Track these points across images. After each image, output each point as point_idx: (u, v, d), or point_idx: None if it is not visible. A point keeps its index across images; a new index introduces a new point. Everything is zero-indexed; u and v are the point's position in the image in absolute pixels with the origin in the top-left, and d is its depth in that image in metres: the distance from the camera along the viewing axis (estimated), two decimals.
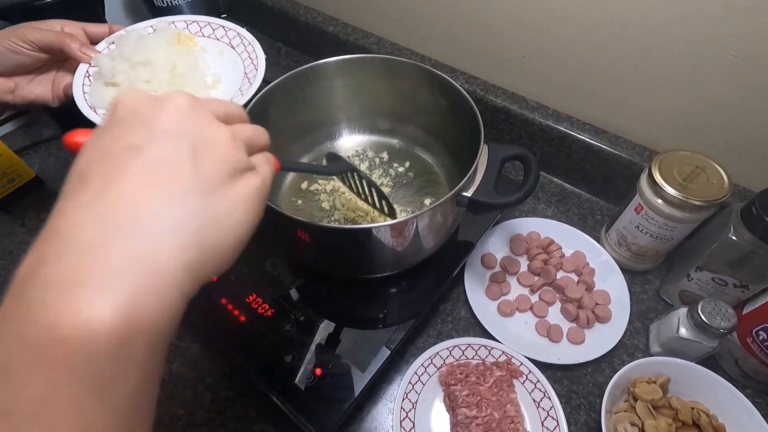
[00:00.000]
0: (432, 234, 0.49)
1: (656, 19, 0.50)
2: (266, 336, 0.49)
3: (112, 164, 0.19)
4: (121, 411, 0.17)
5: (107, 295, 0.16)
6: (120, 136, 0.20)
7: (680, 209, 0.48)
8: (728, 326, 0.45)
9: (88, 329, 0.16)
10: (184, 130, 0.21)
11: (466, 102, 0.51)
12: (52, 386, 0.15)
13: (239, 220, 0.21)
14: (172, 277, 0.18)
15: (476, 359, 0.51)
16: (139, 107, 0.21)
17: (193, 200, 0.20)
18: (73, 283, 0.16)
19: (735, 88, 0.49)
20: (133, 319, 0.17)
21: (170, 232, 0.19)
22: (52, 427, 0.15)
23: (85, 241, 0.17)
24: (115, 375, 0.16)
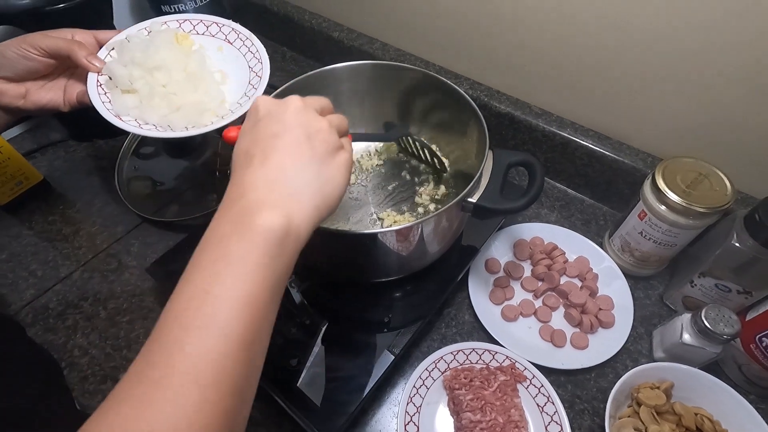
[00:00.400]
0: (437, 239, 0.49)
1: (660, 28, 0.50)
2: (272, 339, 0.49)
3: (265, 146, 0.31)
4: (278, 275, 0.28)
5: (277, 211, 0.29)
6: (265, 128, 0.32)
7: (684, 216, 0.49)
8: (732, 332, 0.45)
9: (268, 225, 0.28)
10: (301, 122, 0.32)
11: (471, 108, 0.52)
12: (249, 247, 0.27)
13: (340, 180, 0.33)
14: (307, 210, 0.30)
15: (480, 364, 0.51)
16: (271, 108, 0.33)
17: (314, 167, 0.31)
18: (260, 206, 0.29)
19: (736, 96, 0.50)
20: (289, 226, 0.29)
21: (304, 185, 0.31)
22: (247, 268, 0.27)
23: (261, 188, 0.30)
24: (279, 253, 0.28)
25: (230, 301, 0.26)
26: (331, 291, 0.55)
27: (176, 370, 0.23)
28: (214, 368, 0.24)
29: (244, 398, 0.26)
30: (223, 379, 0.24)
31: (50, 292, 0.60)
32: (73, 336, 0.56)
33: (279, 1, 0.87)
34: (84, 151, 0.76)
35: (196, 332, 0.25)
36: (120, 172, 0.71)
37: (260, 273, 0.27)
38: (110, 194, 0.69)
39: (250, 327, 0.26)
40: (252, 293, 0.26)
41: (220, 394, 0.24)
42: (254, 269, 0.27)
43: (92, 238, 0.65)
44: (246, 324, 0.26)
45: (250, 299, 0.26)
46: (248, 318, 0.26)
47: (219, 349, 0.24)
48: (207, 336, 0.25)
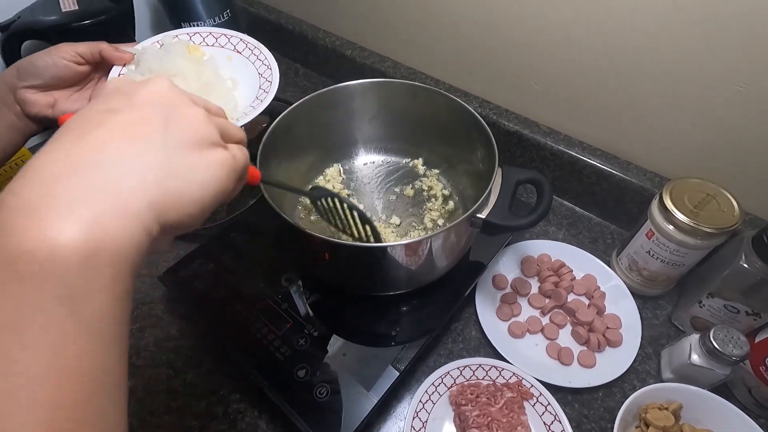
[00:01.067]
0: (445, 254, 0.50)
1: (667, 50, 0.51)
2: (280, 350, 0.50)
3: (90, 121, 0.21)
4: (92, 324, 0.18)
5: (71, 216, 0.18)
6: (101, 103, 0.23)
7: (691, 236, 0.49)
8: (741, 354, 0.45)
9: (53, 245, 0.17)
10: (161, 102, 0.23)
11: (480, 126, 0.53)
12: (24, 298, 0.17)
13: (203, 179, 0.23)
14: (134, 210, 0.20)
15: (487, 380, 0.51)
16: (121, 85, 0.24)
17: (159, 153, 0.21)
18: (38, 207, 0.18)
19: (743, 118, 0.51)
20: (96, 240, 0.18)
21: (132, 173, 0.20)
22: (25, 335, 0.16)
23: (52, 174, 0.19)
24: (83, 290, 0.18)
25: (23, 402, 0.16)
26: (340, 303, 0.55)
27: None
28: None
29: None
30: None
31: None
32: None
33: (294, 19, 0.90)
34: None
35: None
36: None
37: (62, 338, 0.17)
38: None
39: (72, 411, 0.17)
40: (60, 375, 0.17)
41: None
42: (50, 338, 0.17)
43: None
44: (64, 414, 0.17)
45: (62, 384, 0.17)
46: (65, 405, 0.17)
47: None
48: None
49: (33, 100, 0.45)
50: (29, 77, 0.45)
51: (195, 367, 0.54)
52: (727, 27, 0.46)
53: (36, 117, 0.46)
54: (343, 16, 0.82)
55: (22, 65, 0.45)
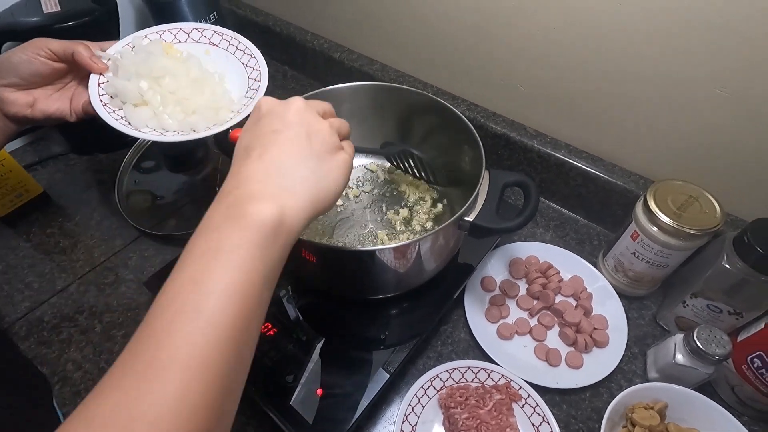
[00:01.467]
0: (434, 257, 0.50)
1: (651, 55, 0.52)
2: (268, 355, 0.49)
3: (265, 141, 0.32)
4: (270, 267, 0.28)
5: (270, 202, 0.29)
6: (267, 125, 0.33)
7: (675, 237, 0.50)
8: (723, 353, 0.45)
9: (260, 215, 0.28)
10: (302, 121, 0.33)
11: (468, 129, 0.53)
12: (241, 237, 0.27)
13: (337, 177, 0.33)
14: (301, 204, 0.30)
15: (476, 382, 0.51)
16: (273, 107, 0.34)
17: (311, 163, 0.32)
18: (253, 197, 0.29)
19: (725, 121, 0.52)
20: (282, 218, 0.29)
21: (301, 179, 0.31)
22: (237, 259, 0.27)
23: (257, 179, 0.30)
24: (271, 245, 0.28)
25: (218, 292, 0.25)
26: (328, 307, 0.55)
27: (161, 361, 0.23)
28: (200, 359, 0.24)
29: (231, 392, 0.26)
30: (209, 370, 0.24)
31: (46, 305, 0.59)
32: (67, 350, 0.55)
33: (282, 22, 0.89)
34: (85, 164, 0.76)
35: (181, 323, 0.24)
36: (120, 185, 0.71)
37: (250, 264, 0.27)
38: (109, 208, 0.70)
39: (238, 318, 0.26)
40: (241, 284, 0.26)
41: (205, 385, 0.24)
42: (244, 260, 0.27)
43: (90, 251, 0.65)
44: (234, 315, 0.25)
45: (239, 290, 0.26)
46: (236, 309, 0.26)
47: (205, 340, 0.24)
48: (193, 327, 0.24)
49: (12, 99, 0.44)
50: (7, 75, 0.44)
51: None
52: (709, 33, 0.47)
53: (15, 117, 0.45)
54: (332, 19, 0.82)
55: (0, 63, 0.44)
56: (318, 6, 0.82)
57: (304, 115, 0.33)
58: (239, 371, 0.27)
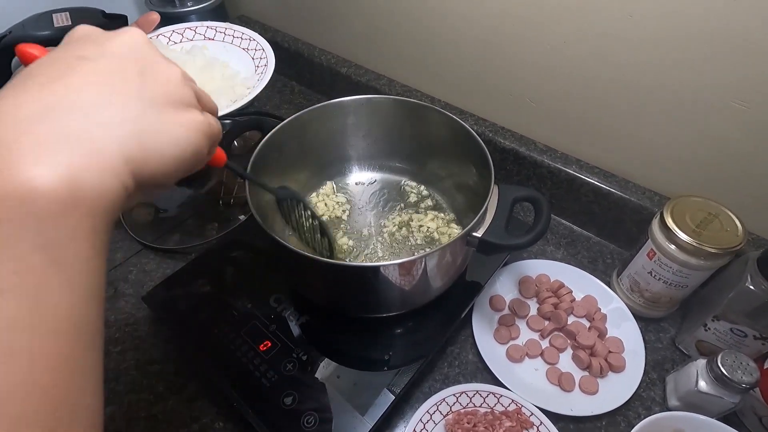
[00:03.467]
0: (441, 274, 0.48)
1: (666, 67, 0.51)
2: (266, 375, 0.47)
3: (61, 66, 0.20)
4: (72, 275, 0.17)
5: (48, 160, 0.17)
6: (72, 49, 0.21)
7: (694, 256, 0.48)
8: (750, 381, 0.42)
9: (30, 188, 0.16)
10: (136, 56, 0.22)
11: (476, 143, 0.52)
12: (4, 242, 0.16)
13: (179, 138, 0.22)
14: (110, 163, 0.19)
15: (484, 407, 0.49)
16: (93, 32, 0.23)
17: (135, 106, 0.21)
18: (11, 149, 0.16)
19: (744, 136, 0.50)
20: (73, 189, 0.17)
21: (109, 124, 0.19)
22: (4, 282, 0.15)
23: (24, 116, 0.18)
24: (62, 239, 0.17)
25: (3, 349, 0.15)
26: (330, 325, 0.53)
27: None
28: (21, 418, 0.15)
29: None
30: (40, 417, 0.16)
31: None
32: None
33: (290, 38, 0.90)
34: None
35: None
36: None
37: (39, 281, 0.16)
38: None
39: (39, 378, 0.16)
40: (36, 318, 0.16)
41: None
42: (27, 279, 0.16)
43: None
44: (40, 371, 0.16)
45: (38, 329, 0.16)
46: (25, 365, 0.16)
47: (17, 406, 0.15)
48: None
49: None
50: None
51: (177, 393, 0.51)
52: (725, 44, 0.46)
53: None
54: (339, 35, 0.83)
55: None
56: (325, 21, 0.83)
57: (141, 48, 0.23)
58: (77, 408, 0.18)
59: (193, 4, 0.81)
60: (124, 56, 0.22)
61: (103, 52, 0.21)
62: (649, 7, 0.48)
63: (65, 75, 0.20)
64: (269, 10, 0.92)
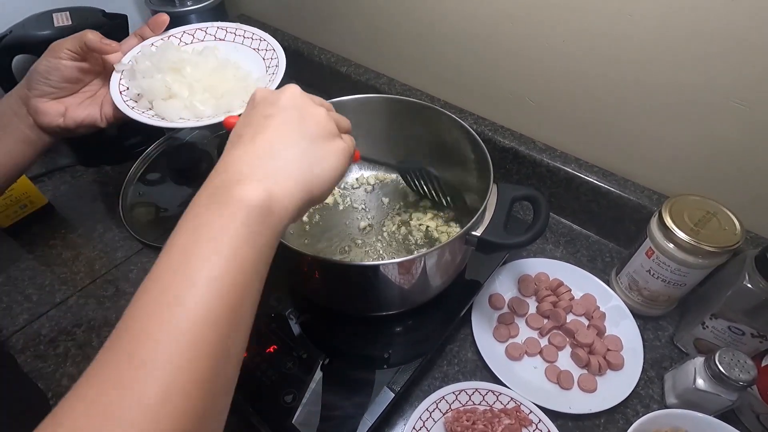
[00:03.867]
0: (440, 273, 0.48)
1: (664, 66, 0.51)
2: (266, 373, 0.48)
3: (257, 125, 0.31)
4: (259, 254, 0.27)
5: (259, 185, 0.27)
6: (259, 111, 0.32)
7: (692, 255, 0.48)
8: (748, 379, 0.43)
9: (248, 198, 0.27)
10: (296, 105, 0.32)
11: (475, 142, 0.52)
12: (227, 222, 0.26)
13: (333, 163, 0.32)
14: (292, 187, 0.29)
15: (483, 405, 0.49)
16: (267, 95, 0.33)
17: (303, 145, 0.31)
18: (241, 180, 0.28)
19: (742, 135, 0.50)
20: (270, 201, 0.27)
21: (290, 162, 0.30)
22: (222, 245, 0.25)
23: (245, 163, 0.29)
24: (259, 230, 0.27)
25: (202, 280, 0.24)
26: (331, 324, 0.53)
27: (140, 359, 0.22)
28: (183, 356, 0.22)
29: (217, 394, 0.24)
30: (193, 369, 0.22)
31: (44, 318, 0.58)
32: (63, 364, 0.54)
33: (289, 37, 0.90)
34: (91, 176, 0.76)
35: (161, 316, 0.23)
36: (124, 197, 0.71)
37: (237, 250, 0.25)
38: (113, 220, 0.69)
39: (225, 310, 0.24)
40: (228, 272, 0.25)
41: (188, 386, 0.22)
42: (230, 246, 0.25)
43: (91, 264, 0.64)
44: (221, 306, 0.24)
45: (226, 279, 0.24)
46: (223, 300, 0.24)
47: (188, 336, 0.22)
48: (176, 320, 0.23)
49: (44, 109, 0.45)
50: (38, 84, 0.45)
51: None
52: (725, 44, 0.46)
53: (48, 127, 0.46)
54: (339, 34, 0.83)
55: (30, 75, 0.45)
56: (325, 20, 0.83)
57: (299, 99, 0.32)
58: (228, 370, 0.25)
59: (192, 3, 0.81)
60: (289, 108, 0.32)
61: (278, 108, 0.31)
62: (648, 6, 0.48)
63: (261, 131, 0.30)
64: (269, 9, 0.92)
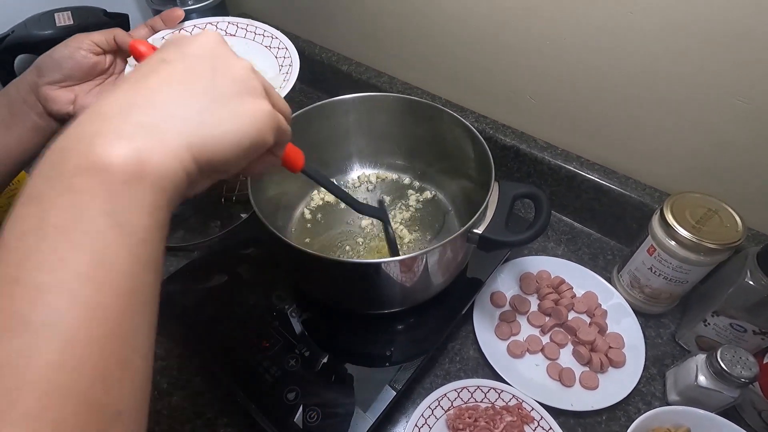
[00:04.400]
0: (441, 270, 0.48)
1: (665, 63, 0.51)
2: (269, 371, 0.48)
3: (147, 68, 0.24)
4: (131, 240, 0.20)
5: (121, 144, 0.20)
6: (159, 55, 0.25)
7: (694, 252, 0.48)
8: (750, 375, 0.43)
9: (104, 163, 0.20)
10: (209, 54, 0.25)
11: (477, 140, 0.52)
12: (76, 207, 0.19)
13: (240, 126, 0.25)
14: (173, 148, 0.22)
15: (485, 402, 0.49)
16: (178, 39, 0.26)
17: (204, 99, 0.24)
18: (94, 136, 0.20)
19: (744, 132, 0.50)
20: (139, 166, 0.20)
21: (175, 117, 0.23)
22: (73, 237, 0.18)
23: (110, 112, 0.22)
24: (126, 208, 0.20)
25: (54, 289, 0.18)
26: (332, 322, 0.54)
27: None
28: (41, 401, 0.16)
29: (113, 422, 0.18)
30: (59, 412, 0.17)
31: None
32: None
33: (290, 35, 0.89)
34: None
35: (7, 350, 0.17)
36: None
37: (100, 235, 0.19)
38: None
39: (92, 323, 0.18)
40: (90, 269, 0.18)
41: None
42: (89, 230, 0.19)
43: None
44: (82, 320, 0.18)
45: (87, 280, 0.18)
46: (87, 312, 0.18)
47: (41, 372, 0.17)
48: (25, 354, 0.17)
49: (54, 96, 0.45)
50: (49, 72, 0.44)
51: (181, 389, 0.52)
52: (727, 41, 0.46)
53: (58, 114, 0.45)
54: (339, 31, 0.83)
55: (41, 61, 0.45)
56: (326, 19, 0.83)
57: (216, 48, 0.26)
58: (118, 396, 0.19)
59: (193, 2, 0.81)
60: (198, 56, 0.25)
61: (182, 54, 0.25)
62: (650, 3, 0.48)
63: (148, 76, 0.24)
64: (269, 8, 0.92)
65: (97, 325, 0.18)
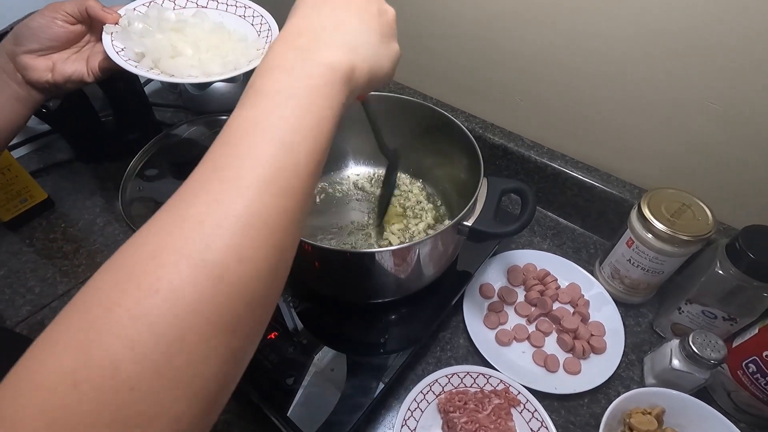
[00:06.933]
0: (433, 261, 0.51)
1: (644, 70, 0.54)
2: (268, 358, 0.50)
3: (336, 2, 0.30)
4: (336, 117, 0.26)
5: (342, 51, 0.27)
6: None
7: (669, 243, 0.51)
8: (718, 357, 0.46)
9: (335, 62, 0.27)
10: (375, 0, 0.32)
11: (467, 138, 0.55)
12: (312, 81, 0.25)
13: (392, 64, 0.32)
14: (366, 67, 0.29)
15: (475, 387, 0.52)
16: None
17: (376, 35, 0.30)
18: (325, 45, 0.27)
19: (716, 134, 0.53)
20: (351, 73, 0.27)
21: (365, 45, 0.29)
22: (311, 101, 0.25)
23: (326, 29, 0.28)
24: (336, 101, 0.26)
25: (293, 129, 0.24)
26: (328, 312, 0.56)
27: (228, 175, 0.23)
28: (269, 177, 0.23)
29: (284, 253, 0.24)
30: (278, 190, 0.23)
31: (47, 309, 0.60)
32: None
33: None
34: (90, 172, 0.77)
35: (253, 138, 0.23)
36: (124, 192, 0.72)
37: (322, 109, 0.25)
38: (113, 214, 0.71)
39: (310, 158, 0.25)
40: (315, 124, 0.25)
41: (274, 205, 0.23)
42: (317, 103, 0.25)
43: (92, 256, 0.66)
44: (309, 152, 0.24)
45: (315, 131, 0.25)
46: (311, 147, 0.24)
47: (278, 165, 0.23)
48: (265, 142, 0.23)
49: (32, 65, 0.45)
50: (27, 41, 0.45)
51: None
52: (702, 50, 0.49)
53: (38, 83, 0.46)
54: None
55: (18, 30, 0.45)
56: None
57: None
58: (299, 214, 0.25)
59: None
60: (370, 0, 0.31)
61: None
62: (631, 9, 0.51)
63: (341, 7, 0.29)
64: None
65: (313, 149, 0.25)
